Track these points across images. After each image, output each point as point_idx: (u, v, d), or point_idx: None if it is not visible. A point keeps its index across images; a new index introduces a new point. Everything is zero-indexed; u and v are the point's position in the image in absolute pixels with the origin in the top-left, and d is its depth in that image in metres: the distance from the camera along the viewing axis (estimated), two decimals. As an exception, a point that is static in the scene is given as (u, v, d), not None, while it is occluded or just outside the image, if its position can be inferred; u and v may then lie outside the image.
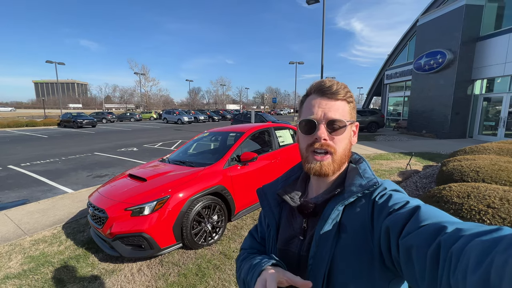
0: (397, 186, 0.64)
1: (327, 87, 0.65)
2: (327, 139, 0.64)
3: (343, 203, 0.62)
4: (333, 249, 0.60)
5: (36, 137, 15.93)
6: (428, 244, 0.42)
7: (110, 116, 31.36)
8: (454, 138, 12.18)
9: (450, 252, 0.38)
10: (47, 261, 2.80)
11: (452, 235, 0.40)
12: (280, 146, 4.33)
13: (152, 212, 2.58)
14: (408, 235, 0.46)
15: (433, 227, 0.44)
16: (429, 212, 0.49)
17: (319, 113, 0.65)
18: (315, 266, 0.62)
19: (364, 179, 0.64)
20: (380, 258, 0.55)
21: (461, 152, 5.02)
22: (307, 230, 0.68)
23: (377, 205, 0.58)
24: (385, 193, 0.60)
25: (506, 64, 10.65)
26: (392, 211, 0.54)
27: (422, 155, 8.03)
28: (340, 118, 0.64)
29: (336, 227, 0.61)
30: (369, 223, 0.58)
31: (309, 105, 0.68)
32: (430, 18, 13.14)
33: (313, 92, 0.68)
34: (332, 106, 0.65)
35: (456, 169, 3.54)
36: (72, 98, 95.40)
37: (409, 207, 0.52)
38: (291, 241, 0.70)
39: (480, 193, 2.41)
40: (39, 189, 5.58)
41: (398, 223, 0.50)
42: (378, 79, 20.99)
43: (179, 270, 2.57)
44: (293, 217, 0.72)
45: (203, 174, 3.08)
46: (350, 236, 0.60)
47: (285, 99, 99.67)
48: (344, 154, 0.67)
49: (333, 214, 0.62)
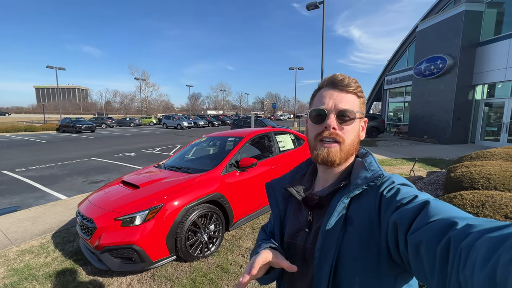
0: (406, 180, 0.62)
1: (339, 80, 0.67)
2: (336, 128, 0.65)
3: (348, 195, 0.62)
4: (340, 242, 0.60)
5: (33, 142, 15.78)
6: (437, 240, 0.41)
7: (109, 121, 31.29)
8: (456, 143, 12.04)
9: (459, 248, 0.37)
10: (31, 274, 2.61)
11: (462, 231, 0.39)
12: (281, 152, 4.17)
13: (144, 222, 2.41)
14: (417, 231, 0.45)
15: (443, 222, 0.43)
16: (438, 207, 0.47)
17: (330, 104, 0.66)
18: (321, 259, 0.62)
19: (370, 172, 0.63)
20: (387, 253, 0.54)
21: (467, 158, 4.86)
22: (312, 223, 0.69)
23: (384, 199, 0.57)
24: (393, 187, 0.59)
25: (507, 69, 10.59)
26: (400, 206, 0.53)
27: (425, 161, 7.87)
28: (350, 109, 0.65)
29: (343, 220, 0.61)
30: (376, 217, 0.57)
31: (321, 96, 0.69)
32: (429, 24, 13.17)
33: (325, 85, 0.70)
34: (343, 98, 0.67)
35: (465, 175, 3.38)
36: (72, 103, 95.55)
37: (417, 202, 0.51)
38: (297, 234, 0.71)
39: (496, 202, 2.25)
40: (32, 195, 5.40)
41: (407, 218, 0.49)
42: (378, 84, 20.98)
43: (172, 285, 2.38)
44: (299, 210, 0.74)
45: (199, 181, 2.92)
46: (356, 230, 0.59)
47: (285, 105, 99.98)
48: (352, 146, 0.68)
49: (338, 207, 0.62)
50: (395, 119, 18.82)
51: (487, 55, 11.28)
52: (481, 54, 11.49)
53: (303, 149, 4.69)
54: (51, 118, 48.46)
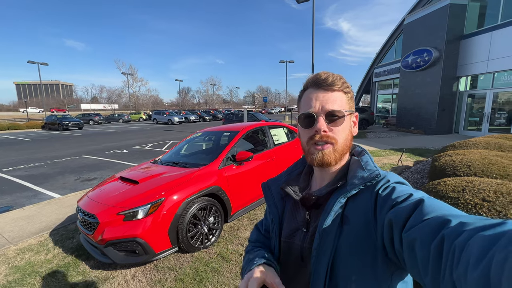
0: (401, 178, 0.63)
1: (323, 79, 0.66)
2: (327, 131, 0.65)
3: (345, 195, 0.62)
4: (336, 241, 0.60)
5: (19, 140, 15.26)
6: (431, 238, 0.42)
7: (97, 118, 30.49)
8: (441, 133, 12.52)
9: (453, 246, 0.38)
10: (34, 270, 2.64)
11: (455, 229, 0.40)
12: (275, 145, 4.29)
13: (146, 215, 2.48)
14: (412, 229, 0.46)
15: (436, 220, 0.44)
16: (433, 205, 0.48)
17: (317, 106, 0.65)
18: (318, 258, 0.62)
19: (366, 171, 0.63)
20: (383, 251, 0.55)
21: (451, 147, 5.13)
22: (310, 223, 0.69)
23: (380, 198, 0.58)
24: (389, 186, 0.59)
25: (488, 61, 11.03)
26: (395, 204, 0.53)
27: (412, 151, 8.20)
28: (338, 108, 0.65)
29: (339, 219, 0.61)
30: (372, 216, 0.58)
31: (307, 99, 0.68)
32: (416, 16, 13.44)
33: (309, 86, 0.69)
34: (329, 97, 0.65)
35: (448, 164, 3.60)
36: (56, 99, 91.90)
37: (412, 200, 0.51)
38: (295, 234, 0.71)
39: (475, 187, 2.44)
40: (24, 195, 5.32)
41: (401, 216, 0.49)
42: (367, 77, 21.33)
43: (176, 275, 2.48)
44: (296, 210, 0.74)
45: (198, 175, 3.00)
46: (353, 229, 0.60)
47: (276, 98, 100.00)
48: (346, 145, 0.68)
49: (335, 207, 0.62)
50: (384, 111, 19.28)
51: (470, 48, 11.68)
52: (464, 47, 11.89)
53: (297, 142, 4.82)
54: (34, 115, 46.68)
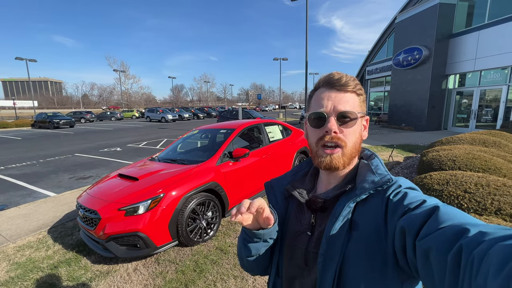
0: (412, 184, 0.61)
1: (336, 79, 0.64)
2: (338, 132, 0.62)
3: (354, 200, 0.60)
4: (344, 247, 0.58)
5: (8, 139, 14.94)
6: (448, 247, 0.40)
7: (89, 116, 29.96)
8: (430, 130, 12.88)
9: (472, 256, 0.36)
10: (36, 266, 2.70)
11: (474, 238, 0.38)
12: (271, 142, 4.40)
13: (147, 211, 2.56)
14: (427, 237, 0.44)
15: (454, 229, 0.42)
16: (449, 213, 0.46)
17: (329, 106, 0.63)
18: (325, 264, 0.60)
19: (377, 176, 0.61)
20: (393, 259, 0.53)
21: (438, 143, 5.35)
22: (315, 226, 0.67)
23: (391, 203, 0.56)
24: (400, 191, 0.57)
25: (476, 60, 11.38)
26: (407, 210, 0.52)
27: (403, 147, 8.44)
28: (350, 110, 0.63)
29: (348, 225, 0.59)
30: (382, 222, 0.56)
31: (318, 98, 0.66)
32: (407, 15, 13.70)
33: (321, 85, 0.67)
34: (342, 98, 0.63)
35: (435, 159, 3.79)
36: (45, 97, 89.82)
37: (426, 207, 0.50)
38: (299, 237, 0.69)
39: (458, 180, 2.62)
40: (18, 193, 5.29)
41: (415, 224, 0.48)
42: (359, 74, 21.61)
43: (177, 267, 2.58)
44: (301, 213, 0.71)
45: (196, 172, 3.08)
46: (362, 235, 0.58)
47: (270, 95, 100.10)
48: (355, 148, 0.65)
49: (344, 211, 0.60)
50: (376, 108, 19.62)
51: (458, 47, 12.02)
52: (453, 46, 12.22)
53: (291, 139, 4.95)
54: (22, 113, 45.50)
